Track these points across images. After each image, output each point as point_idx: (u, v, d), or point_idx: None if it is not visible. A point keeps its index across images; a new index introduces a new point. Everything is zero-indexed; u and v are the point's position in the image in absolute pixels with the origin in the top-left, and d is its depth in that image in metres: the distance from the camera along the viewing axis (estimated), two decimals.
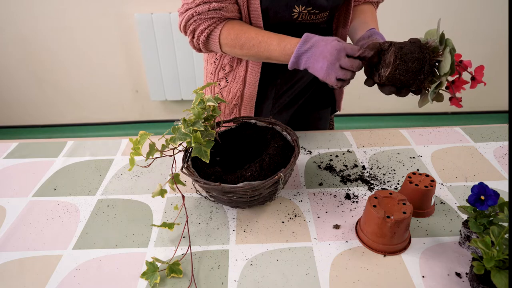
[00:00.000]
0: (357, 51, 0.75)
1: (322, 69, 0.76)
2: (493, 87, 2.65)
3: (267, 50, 0.84)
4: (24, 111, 2.68)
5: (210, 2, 0.85)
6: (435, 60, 0.71)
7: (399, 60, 0.70)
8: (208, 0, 0.85)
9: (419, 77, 0.70)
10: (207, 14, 0.85)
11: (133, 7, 2.28)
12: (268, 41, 0.84)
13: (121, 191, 0.90)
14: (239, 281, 0.67)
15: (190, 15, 0.86)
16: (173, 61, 2.42)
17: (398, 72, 0.70)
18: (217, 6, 0.85)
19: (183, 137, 0.73)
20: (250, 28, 0.87)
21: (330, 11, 0.93)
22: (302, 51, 0.79)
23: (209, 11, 0.85)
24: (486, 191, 0.65)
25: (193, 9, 0.86)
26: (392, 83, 0.73)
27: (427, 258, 0.70)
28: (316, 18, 0.93)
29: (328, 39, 0.77)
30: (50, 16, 2.31)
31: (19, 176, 0.96)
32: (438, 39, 0.70)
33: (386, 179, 0.91)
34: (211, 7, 0.85)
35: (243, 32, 0.86)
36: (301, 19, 0.91)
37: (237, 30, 0.86)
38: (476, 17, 2.37)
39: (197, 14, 0.86)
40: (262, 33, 0.85)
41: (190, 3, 0.86)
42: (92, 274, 0.69)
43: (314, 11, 0.90)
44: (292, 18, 0.90)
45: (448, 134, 1.08)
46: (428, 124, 2.70)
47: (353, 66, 0.74)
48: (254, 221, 0.80)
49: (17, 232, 0.79)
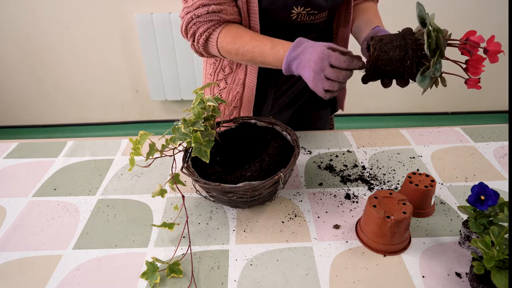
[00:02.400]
0: (343, 62, 0.69)
1: (309, 78, 0.72)
2: (493, 87, 2.65)
3: (261, 55, 0.82)
4: (24, 111, 2.68)
5: (209, 4, 0.84)
6: (418, 44, 0.68)
7: (377, 51, 0.69)
8: (207, 3, 0.84)
9: (405, 64, 0.68)
10: (206, 16, 0.85)
11: (133, 7, 2.29)
12: (261, 46, 0.82)
13: (121, 191, 0.90)
14: (239, 281, 0.67)
15: (189, 18, 0.86)
16: (173, 61, 2.42)
17: (381, 63, 0.69)
18: (215, 8, 0.84)
19: (183, 137, 0.73)
20: (246, 32, 0.85)
21: (329, 11, 0.93)
22: (292, 57, 0.76)
23: (207, 13, 0.85)
24: (486, 191, 0.65)
25: (192, 12, 0.86)
26: (382, 74, 0.72)
27: (427, 258, 0.70)
28: (315, 18, 0.92)
29: (316, 45, 0.73)
30: (50, 16, 2.31)
31: (19, 176, 0.96)
32: (419, 21, 0.67)
33: (386, 179, 0.91)
34: (210, 10, 0.84)
35: (239, 37, 0.85)
36: (300, 20, 0.91)
37: (233, 34, 0.85)
38: (476, 17, 2.37)
39: (196, 17, 0.86)
40: (257, 37, 0.84)
41: (189, 6, 0.86)
42: (92, 274, 0.69)
43: (313, 11, 0.90)
44: (291, 19, 0.90)
45: (448, 134, 1.08)
46: (428, 124, 2.69)
47: (338, 77, 0.69)
48: (254, 221, 0.80)
49: (17, 232, 0.79)
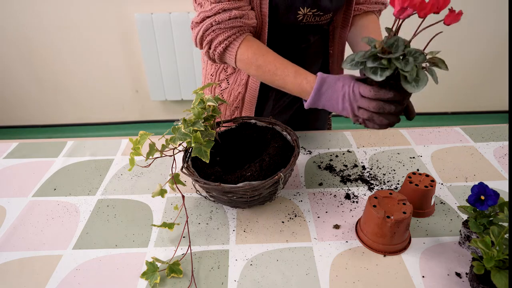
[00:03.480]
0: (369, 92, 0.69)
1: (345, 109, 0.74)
2: (493, 87, 2.65)
3: (282, 80, 0.80)
4: (24, 111, 2.68)
5: (230, 9, 0.78)
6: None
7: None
8: (228, 7, 0.78)
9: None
10: (228, 23, 0.79)
11: (133, 7, 2.29)
12: (284, 71, 0.79)
13: (121, 191, 0.90)
14: (239, 281, 0.67)
15: (209, 24, 0.80)
16: (173, 61, 2.42)
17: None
18: (238, 14, 0.79)
19: (183, 137, 0.73)
20: (269, 52, 0.82)
21: (333, 13, 0.93)
22: (320, 94, 0.75)
23: (229, 19, 0.79)
24: (486, 191, 0.65)
25: (212, 17, 0.79)
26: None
27: (427, 258, 0.70)
28: (320, 20, 0.92)
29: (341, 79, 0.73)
30: (51, 16, 2.31)
31: (19, 176, 0.96)
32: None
33: (386, 179, 0.91)
34: (232, 15, 0.78)
35: (261, 54, 0.81)
36: (306, 21, 0.90)
37: (255, 49, 0.81)
38: (476, 16, 2.37)
39: (216, 24, 0.79)
40: (280, 60, 0.81)
41: (207, 11, 0.79)
42: (92, 274, 0.69)
43: (318, 12, 0.90)
44: (297, 20, 0.89)
45: (448, 134, 1.08)
46: (428, 124, 2.69)
47: (369, 107, 0.70)
48: (254, 221, 0.80)
49: (17, 232, 0.79)
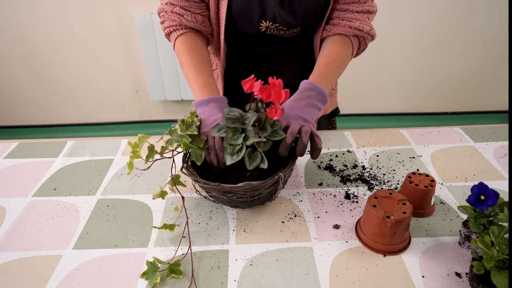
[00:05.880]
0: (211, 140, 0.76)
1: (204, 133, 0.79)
2: (493, 87, 2.65)
3: (190, 85, 0.88)
4: (24, 111, 2.68)
5: (175, 5, 0.89)
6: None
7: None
8: (174, 3, 0.89)
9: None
10: (170, 14, 0.90)
11: (133, 7, 2.29)
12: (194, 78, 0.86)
13: (121, 191, 0.90)
14: (239, 281, 0.67)
15: (161, 8, 0.93)
16: (173, 61, 2.42)
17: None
18: (179, 11, 0.89)
19: (180, 139, 0.72)
20: (192, 57, 0.89)
21: (301, 28, 0.93)
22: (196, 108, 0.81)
23: (172, 12, 0.90)
24: (486, 191, 0.65)
25: (162, 5, 0.92)
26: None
27: (427, 258, 0.70)
28: (286, 33, 0.93)
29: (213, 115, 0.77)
30: (51, 16, 2.31)
31: (19, 176, 0.96)
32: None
33: (386, 179, 0.91)
34: (174, 10, 0.89)
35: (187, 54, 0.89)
36: (270, 32, 0.92)
37: (185, 48, 0.90)
38: (476, 16, 2.37)
39: (163, 11, 0.92)
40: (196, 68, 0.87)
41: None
42: (92, 274, 0.69)
43: (281, 27, 0.90)
44: (260, 31, 0.91)
45: (448, 134, 1.08)
46: (428, 124, 2.69)
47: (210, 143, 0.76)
48: (254, 221, 0.80)
49: (17, 232, 0.79)
